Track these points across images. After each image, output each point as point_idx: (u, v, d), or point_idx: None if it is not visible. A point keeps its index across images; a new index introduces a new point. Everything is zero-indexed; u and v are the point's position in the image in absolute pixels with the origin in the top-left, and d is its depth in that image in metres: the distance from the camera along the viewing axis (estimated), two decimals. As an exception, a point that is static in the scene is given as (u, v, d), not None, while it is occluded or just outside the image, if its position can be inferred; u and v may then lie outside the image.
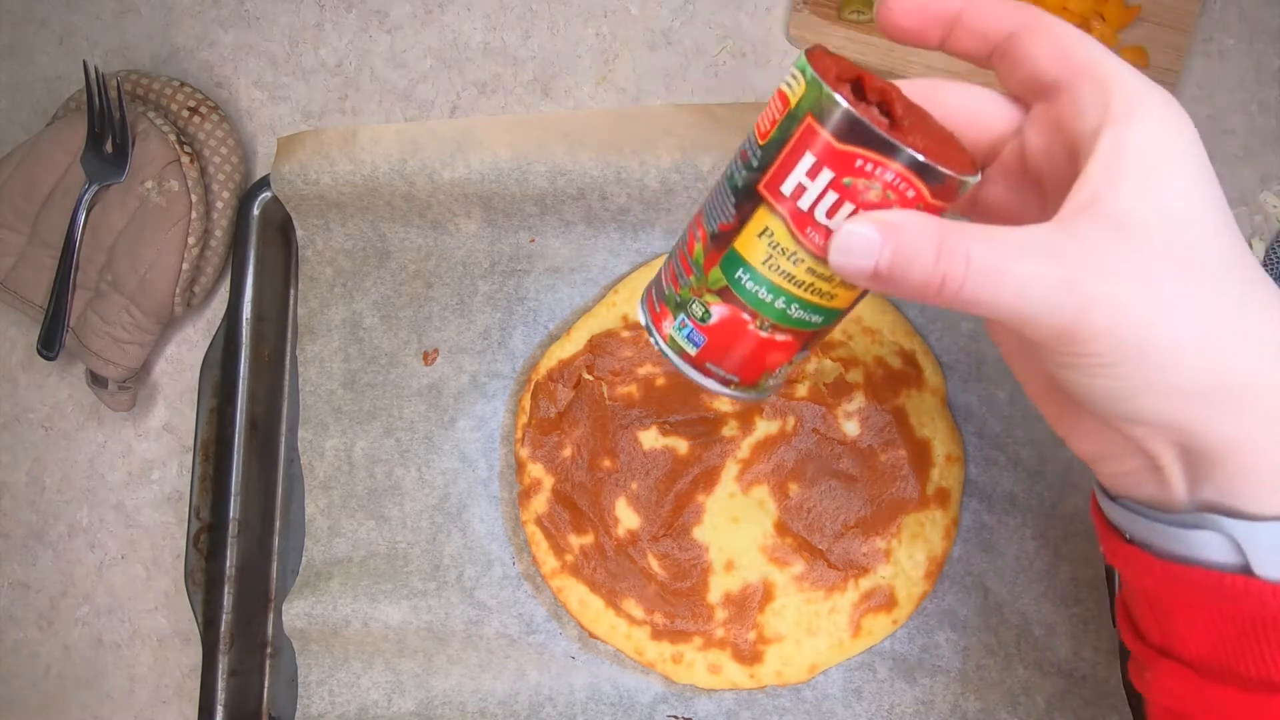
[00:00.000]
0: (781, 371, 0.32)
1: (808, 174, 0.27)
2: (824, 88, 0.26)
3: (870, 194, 0.26)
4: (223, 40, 0.62)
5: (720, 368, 0.31)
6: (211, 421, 0.56)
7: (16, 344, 0.62)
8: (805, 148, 0.27)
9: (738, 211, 0.29)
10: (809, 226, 0.27)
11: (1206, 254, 0.26)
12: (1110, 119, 0.26)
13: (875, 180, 0.26)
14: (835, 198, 0.27)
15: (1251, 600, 0.27)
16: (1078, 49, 0.27)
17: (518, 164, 0.53)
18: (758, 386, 0.32)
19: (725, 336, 0.30)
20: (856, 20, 0.57)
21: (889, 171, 0.26)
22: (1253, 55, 0.58)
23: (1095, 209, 0.26)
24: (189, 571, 0.55)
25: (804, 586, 0.52)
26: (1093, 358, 0.26)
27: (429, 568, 0.55)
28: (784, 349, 0.31)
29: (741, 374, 0.31)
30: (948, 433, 0.53)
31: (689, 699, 0.53)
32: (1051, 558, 0.52)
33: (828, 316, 0.30)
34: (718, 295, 0.30)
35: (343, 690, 0.55)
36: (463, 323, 0.56)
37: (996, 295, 0.25)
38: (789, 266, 0.28)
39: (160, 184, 0.56)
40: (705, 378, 0.32)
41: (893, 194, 0.26)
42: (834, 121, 0.26)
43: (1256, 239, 0.57)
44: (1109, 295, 0.25)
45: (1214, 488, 0.28)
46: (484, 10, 0.61)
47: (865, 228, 0.26)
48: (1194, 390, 0.26)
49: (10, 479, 0.61)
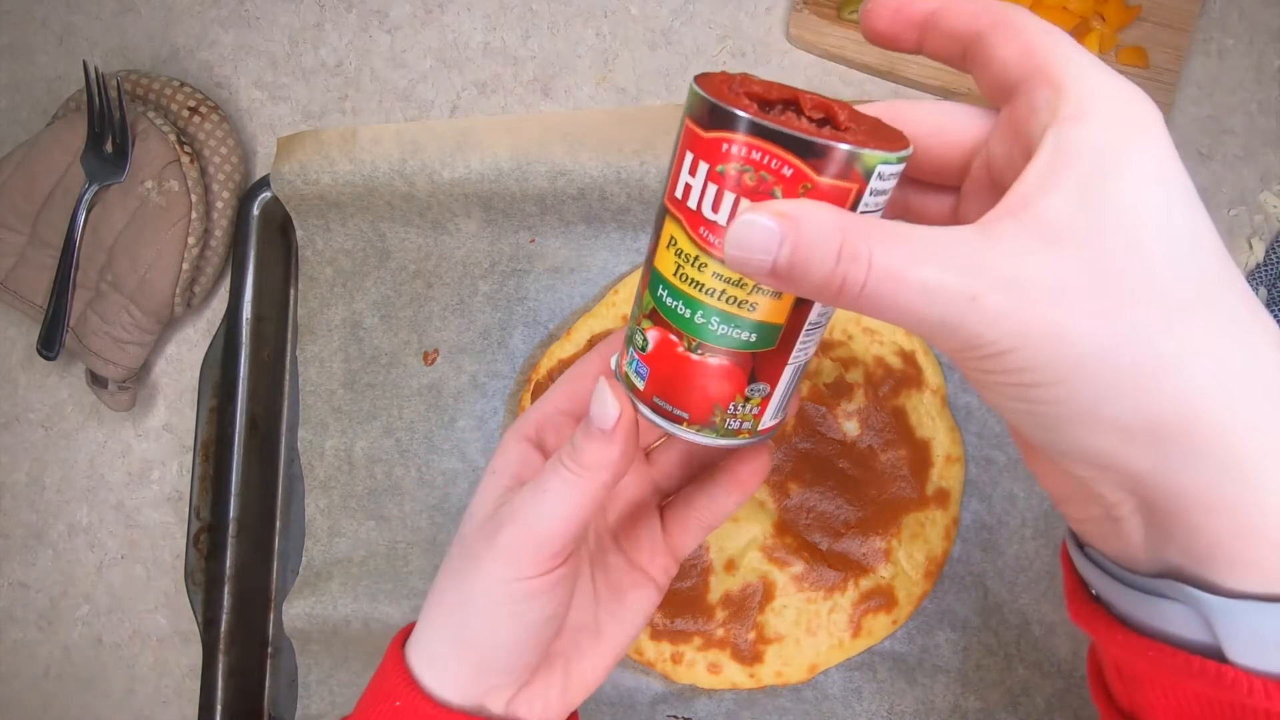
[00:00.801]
0: (738, 409, 0.29)
1: (690, 171, 0.26)
2: (692, 88, 0.26)
3: (746, 178, 0.25)
4: (223, 40, 0.62)
5: (667, 402, 0.30)
6: (211, 421, 0.56)
7: (16, 344, 0.62)
8: (686, 148, 0.27)
9: (654, 229, 0.29)
10: (701, 225, 0.27)
11: (1157, 268, 0.22)
12: (1058, 118, 0.23)
13: (745, 162, 0.25)
14: (715, 189, 0.26)
15: (1229, 689, 0.24)
16: (1039, 45, 0.25)
17: (518, 164, 0.53)
18: (713, 427, 0.30)
19: (661, 362, 0.29)
20: (856, 20, 0.57)
21: (755, 150, 0.25)
22: (1253, 55, 0.58)
23: (1024, 214, 0.23)
24: (189, 571, 0.55)
25: (804, 586, 0.52)
26: (1002, 377, 0.23)
27: (429, 568, 0.55)
28: (726, 377, 0.29)
29: (689, 409, 0.29)
30: (948, 433, 0.53)
31: (689, 699, 0.53)
32: (1051, 558, 0.52)
33: (759, 333, 0.28)
34: (650, 319, 0.29)
35: (343, 690, 0.55)
36: (463, 323, 0.56)
37: (895, 303, 0.23)
38: (695, 274, 0.27)
39: (160, 184, 0.56)
40: (656, 415, 0.30)
41: (769, 175, 0.25)
42: (697, 111, 0.26)
43: (1256, 239, 0.57)
44: (1017, 310, 0.22)
45: (1179, 550, 0.24)
46: (484, 10, 0.61)
47: (761, 217, 0.24)
48: (1139, 427, 0.23)
49: (10, 479, 0.61)
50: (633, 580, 0.36)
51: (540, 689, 0.34)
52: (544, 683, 0.34)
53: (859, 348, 0.53)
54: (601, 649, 0.35)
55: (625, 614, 0.36)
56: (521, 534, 0.31)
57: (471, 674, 0.32)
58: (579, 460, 0.30)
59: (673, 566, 0.37)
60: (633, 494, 0.37)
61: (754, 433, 0.30)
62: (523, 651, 0.32)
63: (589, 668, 0.35)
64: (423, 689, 0.32)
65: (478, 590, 0.31)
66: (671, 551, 0.36)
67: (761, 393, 0.29)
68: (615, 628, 0.36)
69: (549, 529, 0.30)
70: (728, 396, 0.29)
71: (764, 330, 0.28)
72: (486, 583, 0.31)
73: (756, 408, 0.30)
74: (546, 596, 0.31)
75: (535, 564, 0.30)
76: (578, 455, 0.30)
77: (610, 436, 0.30)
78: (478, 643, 0.32)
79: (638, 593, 0.36)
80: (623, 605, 0.36)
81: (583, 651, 0.35)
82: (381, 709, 0.33)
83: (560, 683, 0.34)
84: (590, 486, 0.30)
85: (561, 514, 0.30)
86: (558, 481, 0.30)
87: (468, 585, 0.32)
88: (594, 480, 0.30)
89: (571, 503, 0.30)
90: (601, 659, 0.35)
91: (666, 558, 0.36)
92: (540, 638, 0.32)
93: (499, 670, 0.33)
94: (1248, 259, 0.57)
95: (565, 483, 0.30)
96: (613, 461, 0.30)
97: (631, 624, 0.36)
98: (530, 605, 0.31)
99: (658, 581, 0.36)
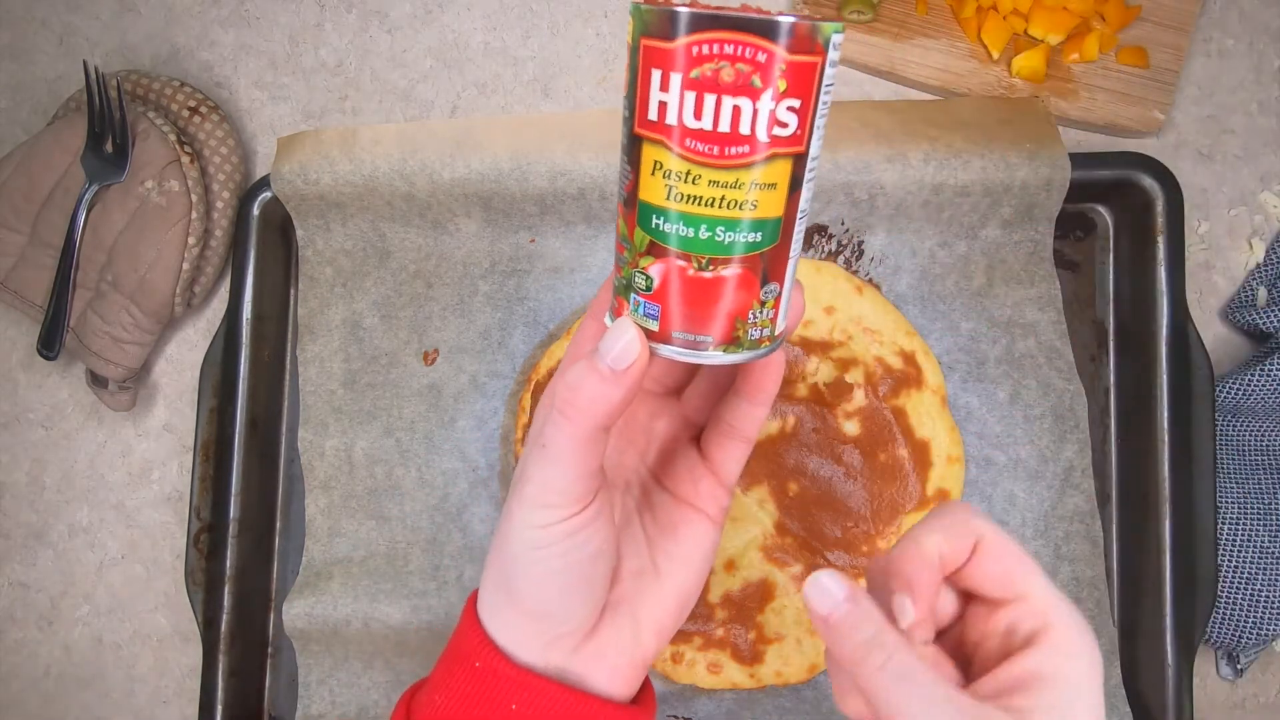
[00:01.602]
0: (757, 316, 0.30)
1: (661, 89, 0.27)
2: (641, 8, 0.26)
3: (723, 74, 0.26)
4: (223, 40, 0.62)
5: (688, 332, 0.30)
6: (211, 421, 0.56)
7: (16, 344, 0.62)
8: (650, 67, 0.27)
9: (630, 165, 0.29)
10: (687, 137, 0.27)
11: None
12: (1040, 646, 0.30)
13: (720, 59, 0.26)
14: (694, 96, 0.26)
15: None
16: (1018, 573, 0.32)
17: (518, 164, 0.53)
18: (740, 342, 0.30)
19: (673, 294, 0.29)
20: (857, 20, 0.57)
21: (727, 44, 0.26)
22: (1253, 55, 0.58)
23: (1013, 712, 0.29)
24: (189, 571, 0.55)
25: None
26: None
27: (429, 568, 0.55)
28: (742, 285, 0.29)
29: (712, 331, 0.29)
30: (948, 433, 0.53)
31: (689, 699, 0.53)
32: (1051, 558, 0.52)
33: (764, 230, 0.28)
34: (649, 255, 0.29)
35: (343, 690, 0.55)
36: (463, 323, 0.56)
37: (893, 700, 0.29)
38: (690, 189, 0.27)
39: (160, 184, 0.56)
40: (679, 349, 0.30)
41: (745, 65, 0.26)
42: (656, 25, 0.26)
43: (1256, 239, 0.57)
44: None
45: None
46: (484, 10, 0.61)
47: (834, 583, 0.31)
48: None
49: (10, 479, 0.61)
50: (682, 515, 0.36)
51: (610, 636, 0.34)
52: (612, 629, 0.34)
53: (859, 348, 0.53)
54: (664, 589, 0.36)
55: (680, 550, 0.36)
56: (535, 488, 0.31)
57: (528, 626, 0.33)
58: (574, 404, 0.30)
59: (722, 494, 0.37)
60: (665, 431, 0.37)
61: (773, 338, 0.31)
62: (567, 598, 0.33)
63: (657, 610, 0.35)
64: (499, 648, 0.33)
65: (513, 542, 0.32)
66: (717, 478, 0.37)
67: (774, 293, 0.30)
68: (673, 565, 0.36)
69: (555, 481, 0.31)
70: (746, 305, 0.29)
71: (767, 226, 0.28)
72: (518, 534, 0.32)
73: (771, 310, 0.30)
74: (574, 540, 0.32)
75: (555, 510, 0.31)
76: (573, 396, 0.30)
77: (619, 378, 0.29)
78: (524, 594, 0.33)
79: (689, 527, 0.36)
80: (676, 542, 0.36)
81: (644, 595, 0.35)
82: (464, 669, 0.34)
83: (630, 628, 0.35)
84: (582, 432, 0.30)
85: (563, 464, 0.31)
86: (552, 431, 0.30)
87: (504, 539, 0.33)
88: (587, 423, 0.30)
89: (571, 452, 0.30)
90: (667, 599, 0.36)
91: (713, 485, 0.37)
92: (583, 582, 0.33)
93: (551, 619, 0.33)
94: (1248, 259, 0.57)
95: (559, 431, 0.30)
96: (612, 404, 0.30)
97: (691, 560, 0.36)
98: (559, 551, 0.32)
99: (708, 513, 0.37)
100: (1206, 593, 0.50)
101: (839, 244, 0.55)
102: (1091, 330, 0.56)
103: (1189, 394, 0.52)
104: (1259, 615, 0.52)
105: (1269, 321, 0.54)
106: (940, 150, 0.52)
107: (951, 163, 0.51)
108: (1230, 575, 0.52)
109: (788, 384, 0.53)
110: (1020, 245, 0.54)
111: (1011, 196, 0.52)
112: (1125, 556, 0.54)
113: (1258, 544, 0.52)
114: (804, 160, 0.28)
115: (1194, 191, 0.57)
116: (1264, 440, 0.53)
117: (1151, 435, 0.52)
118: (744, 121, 0.26)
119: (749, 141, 0.27)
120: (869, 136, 0.52)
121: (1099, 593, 0.52)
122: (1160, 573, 0.51)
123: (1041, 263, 0.54)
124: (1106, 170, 0.53)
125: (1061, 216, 0.53)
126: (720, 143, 0.27)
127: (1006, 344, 0.54)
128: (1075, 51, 0.56)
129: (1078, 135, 0.58)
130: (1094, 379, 0.55)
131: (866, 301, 0.53)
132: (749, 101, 0.26)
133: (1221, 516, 0.53)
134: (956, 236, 0.54)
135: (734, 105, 0.26)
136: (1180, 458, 0.52)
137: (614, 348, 0.29)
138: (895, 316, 0.54)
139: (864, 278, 0.55)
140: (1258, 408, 0.54)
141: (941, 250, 0.54)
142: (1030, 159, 0.51)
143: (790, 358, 0.53)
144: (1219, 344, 0.57)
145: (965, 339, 0.54)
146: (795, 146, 0.27)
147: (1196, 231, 0.57)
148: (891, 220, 0.54)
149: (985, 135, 0.52)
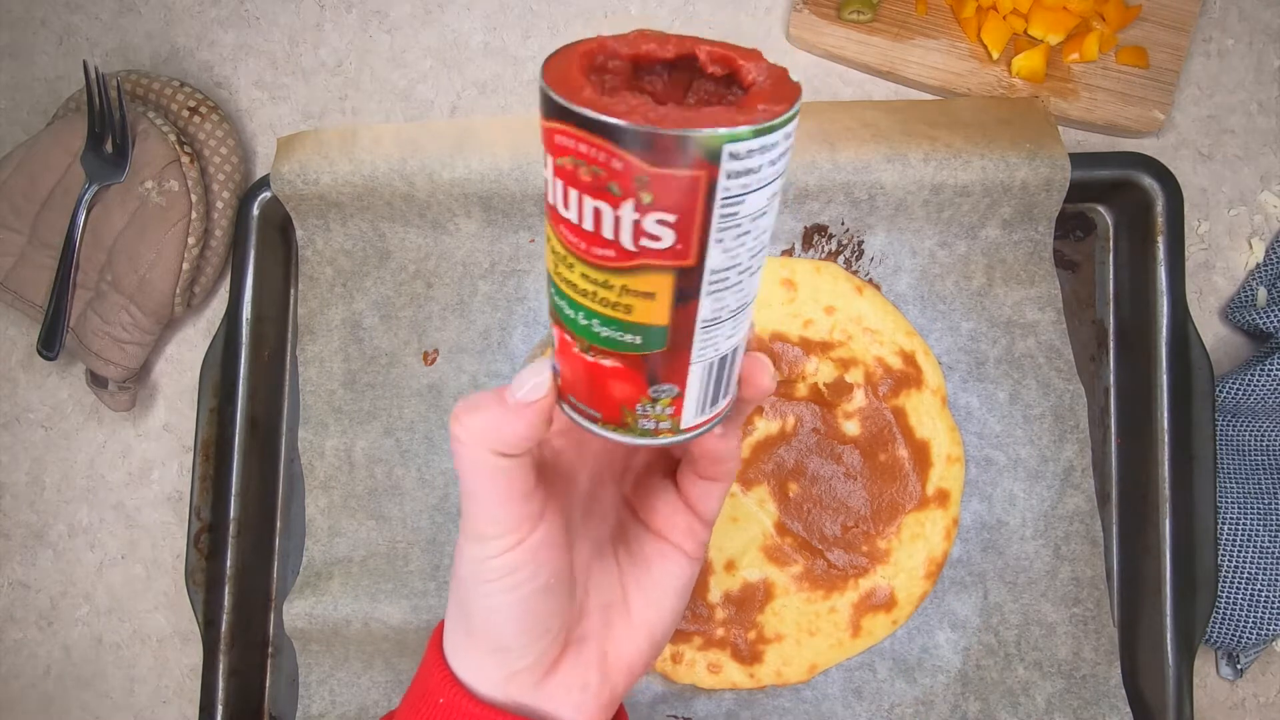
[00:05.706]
0: (648, 410, 0.27)
1: (545, 169, 0.24)
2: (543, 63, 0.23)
3: (581, 173, 0.22)
4: (223, 40, 0.62)
5: (580, 401, 0.28)
6: (211, 421, 0.56)
7: (16, 344, 0.62)
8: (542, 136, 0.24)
9: None
10: (560, 223, 0.24)
11: None
12: None
13: (577, 155, 0.22)
14: (561, 185, 0.23)
15: None
16: None
17: (518, 164, 0.53)
18: (628, 427, 0.28)
19: (564, 362, 0.28)
20: (856, 20, 0.57)
21: (582, 142, 0.22)
22: (1253, 55, 0.58)
23: None
24: (189, 571, 0.55)
25: (804, 586, 0.52)
26: None
27: (429, 568, 0.55)
28: (624, 379, 0.26)
29: (599, 409, 0.28)
30: (948, 433, 0.53)
31: (689, 699, 0.53)
32: (1051, 558, 0.52)
33: (643, 335, 0.25)
34: (551, 317, 0.27)
35: (343, 690, 0.55)
36: (463, 323, 0.56)
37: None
38: (568, 274, 0.25)
39: (160, 184, 0.56)
40: (574, 412, 0.28)
41: (600, 169, 0.22)
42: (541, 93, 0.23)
43: (1256, 239, 0.57)
44: None
45: None
46: (484, 10, 0.61)
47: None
48: None
49: (10, 479, 0.61)
50: (656, 549, 0.36)
51: (574, 672, 0.34)
52: (577, 665, 0.34)
53: (859, 348, 0.53)
54: (634, 625, 0.35)
55: (654, 586, 0.35)
56: (465, 519, 0.31)
57: (487, 660, 0.33)
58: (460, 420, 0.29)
59: (700, 529, 0.36)
60: (643, 462, 0.37)
61: (677, 430, 0.28)
62: (521, 630, 0.32)
63: (625, 647, 0.35)
64: (463, 685, 0.33)
65: (463, 575, 0.32)
66: (694, 512, 0.36)
67: (670, 393, 0.27)
68: (646, 602, 0.35)
69: (477, 512, 0.30)
70: (632, 398, 0.27)
71: (647, 332, 0.25)
72: (465, 567, 0.31)
73: (669, 408, 0.27)
74: (520, 574, 0.31)
75: (492, 542, 0.30)
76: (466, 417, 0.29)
77: (520, 410, 0.29)
78: (479, 628, 0.32)
79: (664, 562, 0.35)
80: (649, 576, 0.35)
81: (614, 630, 0.35)
82: (429, 706, 0.33)
83: (596, 664, 0.34)
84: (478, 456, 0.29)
85: (476, 496, 0.30)
86: (456, 460, 0.30)
87: (455, 571, 0.32)
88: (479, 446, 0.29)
89: (477, 482, 0.30)
90: (637, 636, 0.35)
91: (690, 520, 0.35)
92: (533, 615, 0.32)
93: (508, 653, 0.32)
94: (1248, 259, 0.57)
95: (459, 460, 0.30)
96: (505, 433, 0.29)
97: (664, 598, 0.36)
98: (506, 585, 0.31)
99: (684, 548, 0.36)
100: (1206, 592, 0.50)
101: (839, 244, 0.55)
102: (1091, 330, 0.56)
103: (1189, 394, 0.52)
104: (1259, 615, 0.52)
105: (1269, 321, 0.54)
106: (940, 150, 0.52)
107: (951, 163, 0.51)
108: (1230, 575, 0.52)
109: (788, 384, 0.53)
110: (1020, 245, 0.54)
111: (1011, 196, 0.52)
112: (1125, 556, 0.54)
113: (1258, 544, 0.52)
114: (695, 273, 0.23)
115: (1194, 191, 0.57)
116: (1264, 440, 0.53)
117: (1151, 435, 0.52)
118: (605, 226, 0.23)
119: (614, 247, 0.23)
120: (869, 136, 0.52)
121: (1099, 593, 0.52)
122: (1160, 572, 0.51)
123: (1041, 263, 0.54)
124: (1106, 170, 0.53)
125: (1061, 216, 0.53)
126: (586, 240, 0.23)
127: (1006, 344, 0.54)
128: (1075, 51, 0.56)
129: (1078, 135, 0.58)
130: (1094, 379, 0.55)
131: (866, 301, 0.53)
132: (609, 208, 0.22)
133: (1221, 516, 0.53)
134: (956, 236, 0.54)
135: (594, 207, 0.23)
136: (1180, 458, 0.52)
137: (526, 383, 0.29)
138: (895, 316, 0.54)
139: (864, 278, 0.55)
140: (1258, 408, 0.54)
141: (941, 250, 0.54)
142: (1030, 159, 0.51)
143: (790, 358, 0.53)
144: (1219, 344, 0.57)
145: (965, 339, 0.54)
146: (677, 260, 0.23)
147: (1196, 231, 0.57)
148: (891, 220, 0.54)
149: (985, 135, 0.52)
